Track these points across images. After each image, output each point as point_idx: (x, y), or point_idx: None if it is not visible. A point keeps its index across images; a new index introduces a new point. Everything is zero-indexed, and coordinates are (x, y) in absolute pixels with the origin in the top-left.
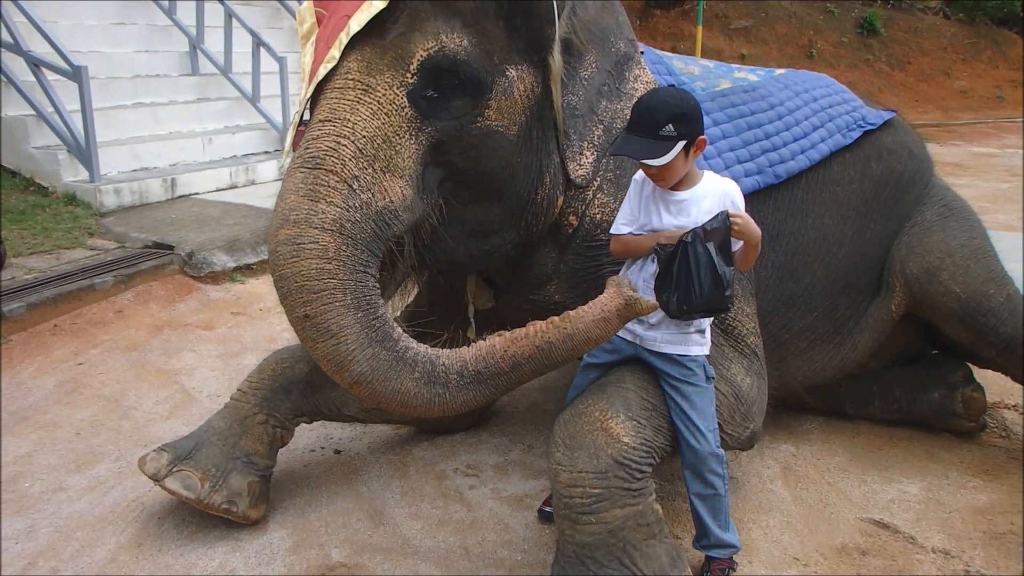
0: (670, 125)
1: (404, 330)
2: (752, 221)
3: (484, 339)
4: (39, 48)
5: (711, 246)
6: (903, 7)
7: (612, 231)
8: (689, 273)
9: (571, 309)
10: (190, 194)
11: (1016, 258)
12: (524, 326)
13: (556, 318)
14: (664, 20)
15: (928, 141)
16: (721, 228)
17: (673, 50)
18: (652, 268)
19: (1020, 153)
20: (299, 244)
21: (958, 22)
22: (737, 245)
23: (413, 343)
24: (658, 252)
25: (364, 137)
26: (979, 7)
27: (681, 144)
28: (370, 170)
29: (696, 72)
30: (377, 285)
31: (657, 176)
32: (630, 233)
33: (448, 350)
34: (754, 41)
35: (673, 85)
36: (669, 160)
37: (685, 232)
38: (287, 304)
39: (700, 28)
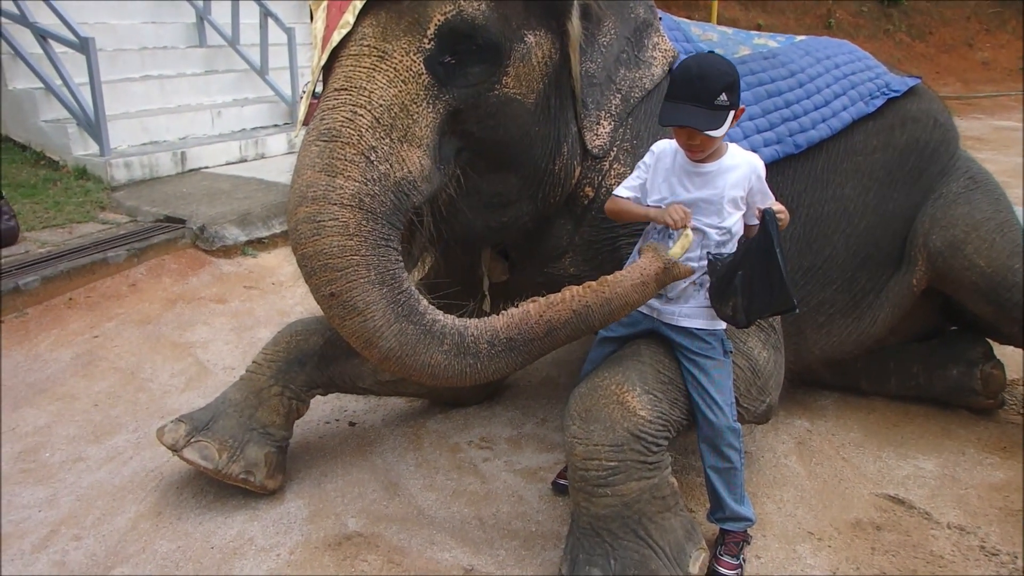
0: (724, 94)
1: (429, 302)
2: (783, 208)
3: (515, 306)
4: (45, 20)
5: (779, 257)
6: None
7: (614, 193)
8: (747, 285)
9: (586, 282)
10: (200, 168)
11: None
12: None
13: (593, 283)
14: None
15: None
16: (771, 228)
17: (688, 19)
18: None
19: None
20: (319, 222)
21: None
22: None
23: (440, 315)
24: (712, 263)
25: (381, 106)
26: None
27: (732, 113)
28: (387, 140)
29: (714, 39)
30: (400, 259)
31: (698, 147)
32: (630, 199)
33: (477, 320)
34: (771, 11)
35: (712, 52)
36: (725, 131)
37: (747, 241)
38: (312, 283)
39: None
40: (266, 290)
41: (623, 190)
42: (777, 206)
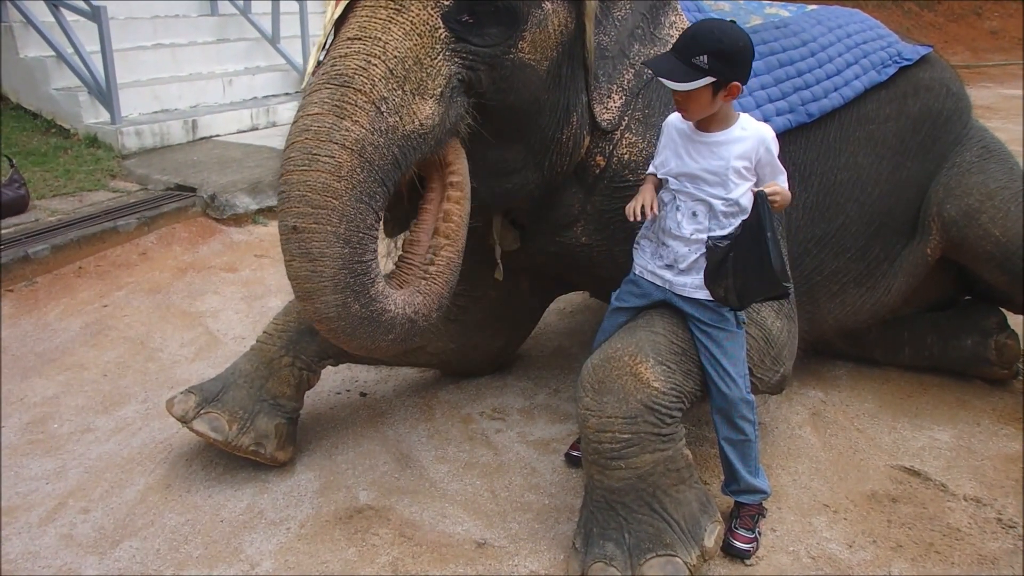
0: (704, 56)
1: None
2: (787, 193)
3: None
4: None
5: (769, 241)
6: None
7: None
8: (739, 266)
9: (599, 251)
10: (211, 136)
11: None
12: (549, 267)
13: None
14: None
15: None
16: (763, 211)
17: None
18: (667, 229)
19: None
20: (314, 154)
21: None
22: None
23: (390, 302)
24: (709, 247)
25: (395, 58)
26: None
27: (707, 80)
28: (400, 92)
29: (726, 8)
30: (376, 223)
31: (681, 104)
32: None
33: (415, 299)
34: None
35: (734, 22)
36: (687, 89)
37: (736, 227)
38: (282, 209)
39: None
40: (277, 259)
41: (649, 172)
42: (772, 188)
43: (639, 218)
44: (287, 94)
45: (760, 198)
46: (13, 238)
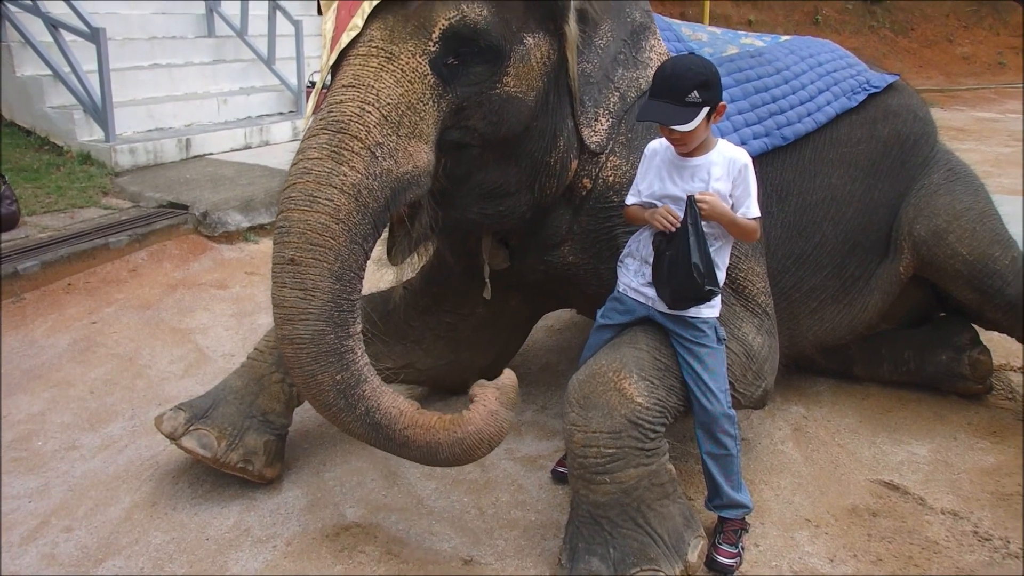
0: (695, 92)
1: (367, 329)
2: (719, 202)
3: (409, 403)
4: (56, 9)
5: (691, 238)
6: None
7: (626, 201)
8: (672, 268)
9: (585, 269)
10: (204, 154)
11: (1018, 221)
12: (538, 285)
13: (451, 418)
14: None
15: (932, 106)
16: (688, 214)
17: (681, 15)
18: (650, 247)
19: (1022, 118)
20: (315, 197)
21: None
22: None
23: (359, 348)
24: (655, 247)
25: (388, 104)
26: None
27: (705, 110)
28: (394, 137)
29: (704, 38)
30: (365, 263)
31: (679, 141)
32: (636, 204)
33: (377, 382)
34: (760, 7)
35: (692, 53)
36: (696, 126)
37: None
38: (281, 243)
39: None
40: (267, 276)
41: (631, 198)
42: (701, 195)
43: (675, 227)
44: (281, 113)
45: (689, 202)
46: (3, 254)
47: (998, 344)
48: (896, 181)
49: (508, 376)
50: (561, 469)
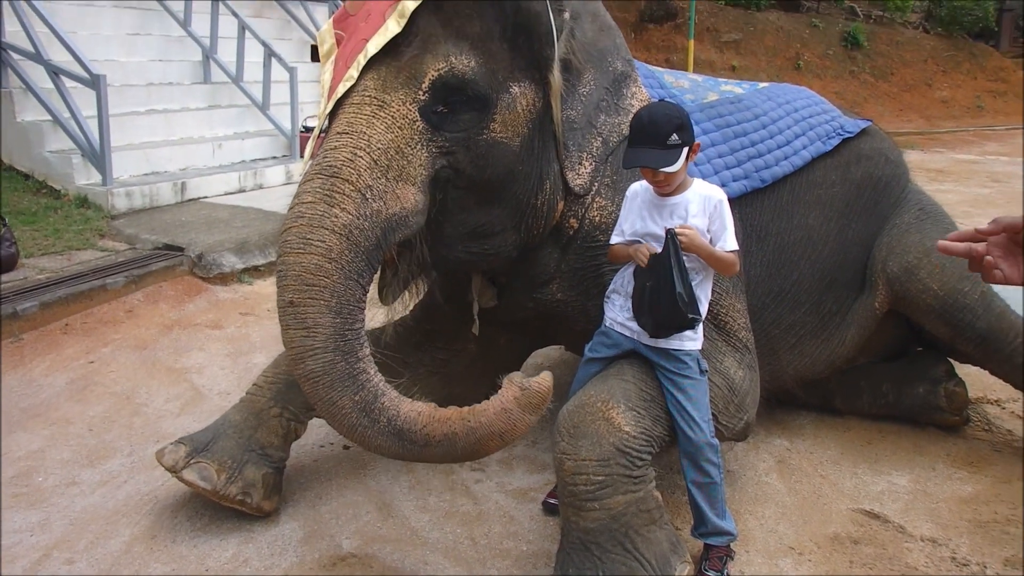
0: (675, 134)
1: (374, 352)
2: (698, 235)
3: (427, 404)
4: (56, 56)
5: (673, 269)
6: (884, 22)
7: (610, 241)
8: (654, 298)
9: (574, 306)
10: (199, 198)
11: None
12: (527, 322)
13: (465, 410)
14: (658, 33)
15: (913, 148)
16: (669, 246)
17: (667, 61)
18: (629, 274)
19: (1001, 160)
20: (308, 239)
21: (937, 36)
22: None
23: (371, 368)
24: (636, 279)
25: (379, 149)
26: (956, 22)
27: (685, 150)
28: (383, 180)
29: (686, 85)
30: (364, 297)
31: (664, 183)
32: (619, 243)
33: (394, 393)
34: (744, 53)
35: (663, 99)
36: (680, 165)
37: (650, 258)
38: (280, 287)
39: (692, 41)
40: (262, 316)
41: (615, 237)
42: (681, 228)
43: (647, 260)
44: (274, 158)
45: (669, 235)
46: (1, 295)
47: (975, 378)
48: (869, 221)
49: (542, 379)
50: (551, 501)
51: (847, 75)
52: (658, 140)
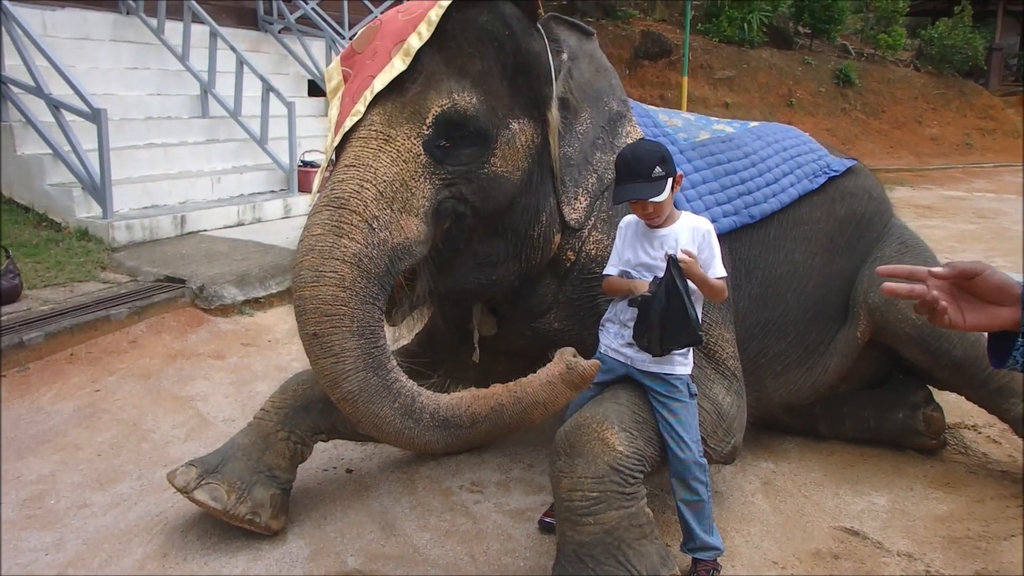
0: (658, 167)
1: (399, 363)
2: (695, 262)
3: (462, 390)
4: (57, 90)
5: (684, 290)
6: (875, 59)
7: (604, 273)
8: (664, 319)
9: (569, 336)
10: (199, 231)
11: None
12: (525, 350)
13: (511, 383)
14: (652, 70)
15: (902, 184)
16: (674, 270)
17: (661, 97)
18: (629, 312)
19: (988, 196)
20: (320, 271)
21: (927, 74)
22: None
23: (402, 376)
24: (636, 302)
25: (384, 181)
26: (946, 60)
27: (670, 181)
28: (389, 211)
29: (679, 124)
30: (382, 317)
31: (653, 214)
32: (616, 274)
33: (430, 391)
34: (737, 90)
35: (643, 137)
36: (666, 196)
37: (651, 284)
38: (301, 321)
39: (686, 78)
40: (263, 347)
41: (610, 268)
42: (682, 255)
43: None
44: (272, 191)
45: (672, 260)
46: (7, 326)
47: (954, 404)
48: (853, 255)
49: (590, 364)
50: (548, 520)
51: (839, 112)
52: (643, 174)
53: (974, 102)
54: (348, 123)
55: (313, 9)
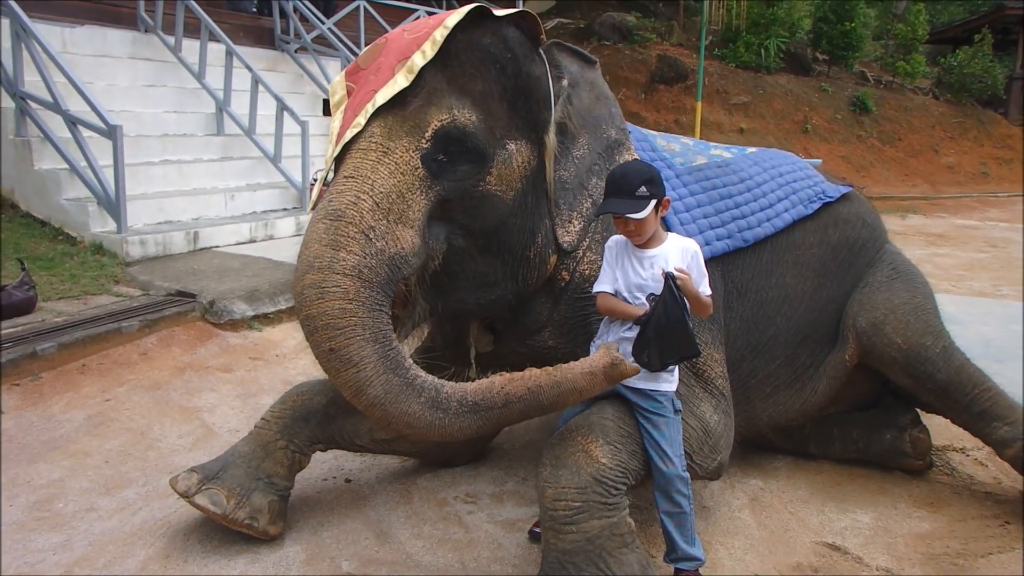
0: (643, 187)
1: (415, 361)
2: (690, 280)
3: (487, 376)
4: (74, 107)
5: (682, 306)
6: (893, 87)
7: (595, 289)
8: (665, 333)
9: (563, 353)
10: (211, 247)
11: (985, 322)
12: (521, 368)
13: (550, 367)
14: (667, 94)
15: (915, 213)
16: (672, 287)
17: (675, 122)
18: (628, 333)
19: (1001, 225)
20: (323, 288)
21: (946, 102)
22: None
23: (422, 372)
24: (639, 321)
25: (381, 192)
26: (965, 88)
27: (653, 202)
28: (385, 221)
29: (676, 149)
30: (390, 322)
31: (634, 232)
32: (612, 293)
33: (452, 382)
34: (752, 116)
35: (637, 159)
36: (646, 215)
37: (653, 299)
38: (313, 340)
39: (700, 103)
40: (270, 361)
41: (606, 286)
42: (679, 271)
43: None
44: (285, 209)
45: (670, 276)
46: (21, 336)
47: (944, 427)
48: (844, 280)
49: (633, 366)
50: (537, 530)
51: (854, 139)
52: (626, 191)
53: (992, 131)
54: (349, 135)
55: (330, 29)
